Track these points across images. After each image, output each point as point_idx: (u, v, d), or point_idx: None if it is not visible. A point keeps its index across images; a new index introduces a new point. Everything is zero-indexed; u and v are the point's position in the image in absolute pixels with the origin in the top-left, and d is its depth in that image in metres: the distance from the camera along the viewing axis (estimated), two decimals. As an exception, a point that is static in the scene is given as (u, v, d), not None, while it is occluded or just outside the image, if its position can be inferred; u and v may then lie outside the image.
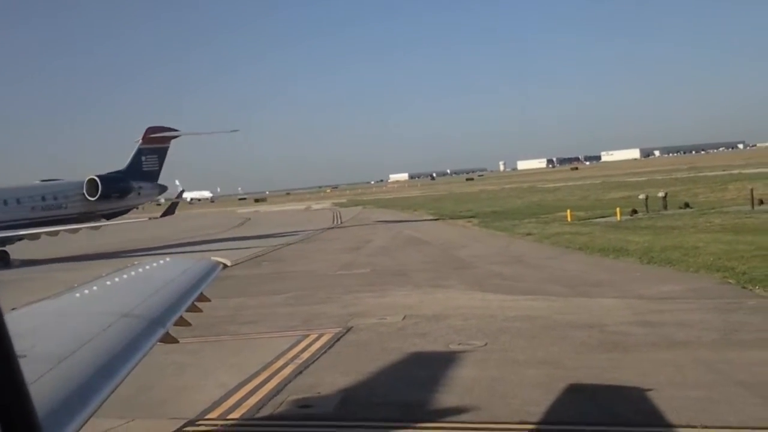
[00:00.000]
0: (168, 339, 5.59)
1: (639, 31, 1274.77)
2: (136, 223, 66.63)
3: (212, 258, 8.11)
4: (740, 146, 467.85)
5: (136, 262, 7.45)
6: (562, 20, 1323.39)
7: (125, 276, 6.52)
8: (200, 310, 6.89)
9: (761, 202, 51.60)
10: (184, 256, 37.67)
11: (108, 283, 6.14)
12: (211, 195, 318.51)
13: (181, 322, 6.10)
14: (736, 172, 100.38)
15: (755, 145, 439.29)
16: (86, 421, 3.41)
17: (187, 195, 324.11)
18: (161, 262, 7.61)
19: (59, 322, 4.83)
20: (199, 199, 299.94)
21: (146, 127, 64.28)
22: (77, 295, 5.56)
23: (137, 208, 69.46)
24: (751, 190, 54.43)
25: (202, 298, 6.84)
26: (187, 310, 6.14)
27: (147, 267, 7.16)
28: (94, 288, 5.82)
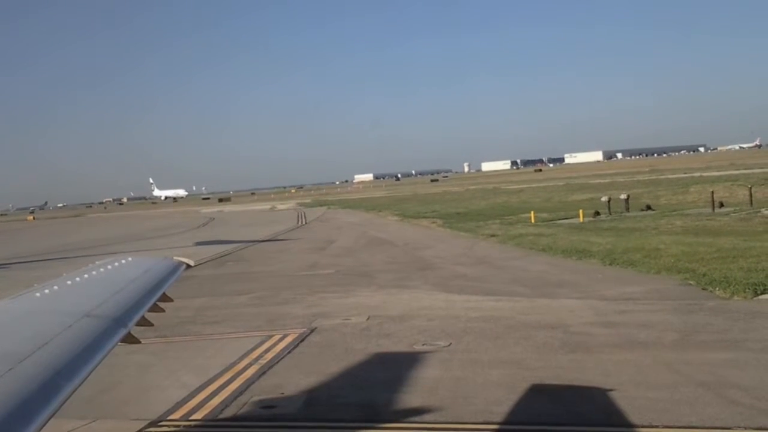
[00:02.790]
0: (130, 339, 5.53)
1: (598, 32, 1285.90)
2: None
3: (175, 257, 8.04)
4: (701, 149, 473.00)
5: (97, 261, 7.36)
6: (528, 18, 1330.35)
7: (86, 275, 6.43)
8: (163, 310, 6.83)
9: (722, 205, 52.33)
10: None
11: (69, 282, 6.06)
12: (186, 193, 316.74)
13: (144, 323, 6.04)
14: (697, 174, 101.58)
15: (716, 149, 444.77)
16: (47, 422, 3.36)
17: (161, 193, 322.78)
18: (123, 261, 7.52)
19: (19, 321, 4.76)
20: (174, 198, 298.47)
21: None
22: (38, 294, 5.48)
23: None
24: (712, 192, 55.19)
25: (165, 298, 6.78)
26: (149, 310, 6.09)
27: (109, 266, 7.07)
28: (55, 287, 5.74)
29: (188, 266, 8.12)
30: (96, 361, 4.21)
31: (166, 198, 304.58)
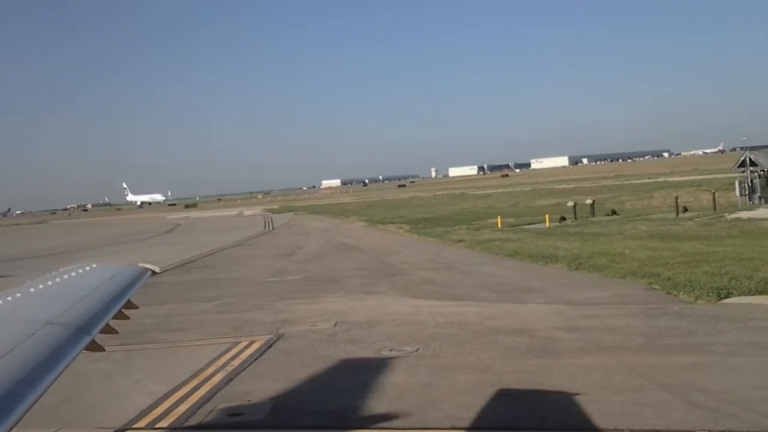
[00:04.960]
0: (94, 347, 5.46)
1: (565, 38, 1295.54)
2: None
3: (140, 264, 7.96)
4: (665, 155, 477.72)
5: (61, 268, 7.27)
6: (494, 23, 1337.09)
7: (49, 282, 6.34)
8: (128, 318, 6.76)
9: (685, 210, 52.98)
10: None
11: (31, 289, 5.97)
12: (163, 198, 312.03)
13: (108, 330, 5.97)
14: (661, 180, 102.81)
15: (680, 154, 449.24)
16: (8, 432, 3.32)
17: (136, 198, 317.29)
18: (87, 267, 7.43)
19: (-21, 330, 4.68)
20: (150, 203, 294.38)
21: None
22: (-1, 302, 5.40)
23: None
24: (676, 197, 55.93)
25: (130, 305, 6.71)
26: (114, 318, 6.02)
27: (72, 273, 6.98)
28: (18, 295, 5.64)
29: (153, 273, 8.05)
30: (59, 370, 4.15)
31: (142, 203, 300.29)
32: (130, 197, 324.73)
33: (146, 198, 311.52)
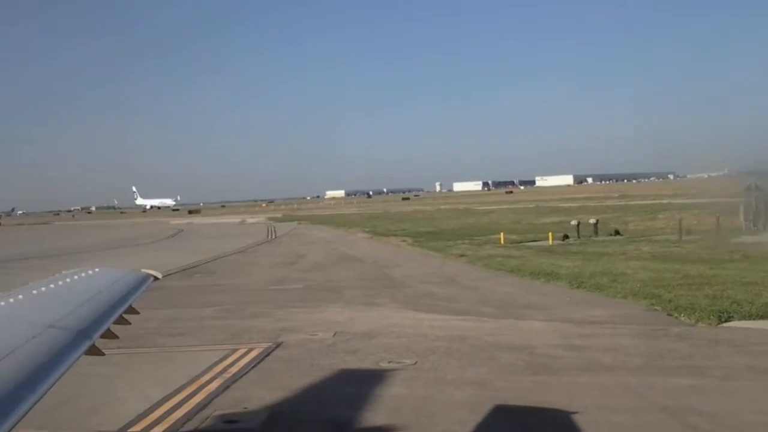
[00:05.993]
0: (94, 351, 5.48)
1: (571, 57, 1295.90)
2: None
3: (143, 270, 7.99)
4: (670, 176, 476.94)
5: (64, 271, 7.29)
6: (504, 38, 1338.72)
7: (52, 285, 6.36)
8: (129, 323, 6.78)
9: (689, 232, 52.84)
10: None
11: (34, 292, 5.99)
12: (173, 203, 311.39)
13: (109, 335, 5.99)
14: (665, 201, 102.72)
15: (685, 176, 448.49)
16: (6, 434, 3.33)
17: (146, 202, 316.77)
18: (90, 272, 7.45)
19: (-20, 331, 4.69)
20: (159, 207, 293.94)
21: None
22: (1, 303, 5.42)
23: None
24: (680, 219, 55.74)
25: (131, 310, 6.73)
26: (115, 323, 6.04)
27: (75, 277, 7.00)
28: (20, 297, 5.67)
29: (156, 279, 8.07)
30: (59, 373, 4.17)
31: (151, 207, 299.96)
32: (139, 201, 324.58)
33: (156, 202, 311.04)
